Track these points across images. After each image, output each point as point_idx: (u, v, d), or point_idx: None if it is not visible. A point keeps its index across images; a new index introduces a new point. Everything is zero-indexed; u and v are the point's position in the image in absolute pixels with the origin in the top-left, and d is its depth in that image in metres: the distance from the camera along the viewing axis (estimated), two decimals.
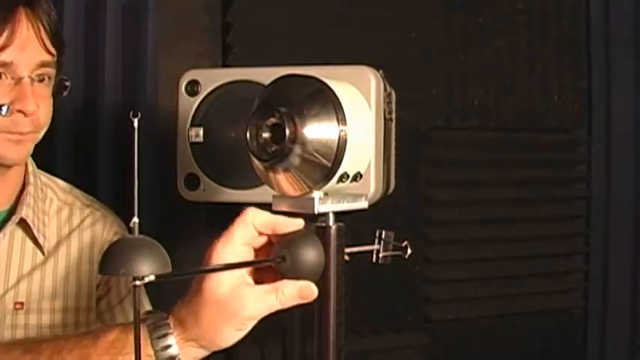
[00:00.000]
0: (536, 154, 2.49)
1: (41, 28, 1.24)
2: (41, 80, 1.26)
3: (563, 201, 2.57)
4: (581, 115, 2.54)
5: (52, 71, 1.28)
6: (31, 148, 1.30)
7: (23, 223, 1.32)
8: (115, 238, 1.37)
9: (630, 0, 2.50)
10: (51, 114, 1.30)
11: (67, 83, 1.30)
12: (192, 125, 1.46)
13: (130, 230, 0.74)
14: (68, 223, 1.39)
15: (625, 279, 2.54)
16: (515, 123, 2.45)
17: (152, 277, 0.70)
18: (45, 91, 1.27)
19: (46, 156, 1.72)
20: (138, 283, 0.70)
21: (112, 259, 0.70)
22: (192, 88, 1.47)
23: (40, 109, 1.25)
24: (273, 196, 1.08)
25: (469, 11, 2.36)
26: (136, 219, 0.74)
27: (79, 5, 1.82)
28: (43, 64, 1.25)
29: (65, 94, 1.32)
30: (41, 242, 1.33)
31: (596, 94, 2.54)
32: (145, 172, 1.72)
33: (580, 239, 2.58)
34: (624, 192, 2.53)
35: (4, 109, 1.23)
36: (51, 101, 1.30)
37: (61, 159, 1.79)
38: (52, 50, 1.27)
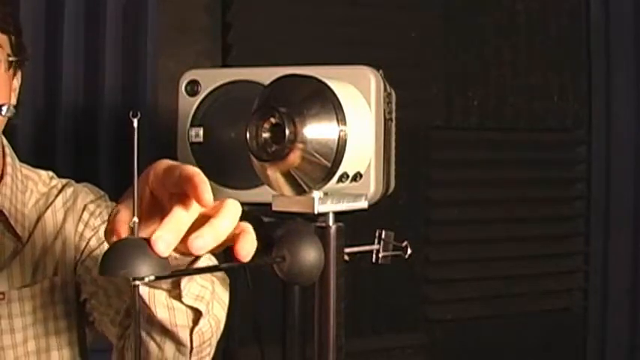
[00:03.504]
0: (536, 154, 2.49)
1: None
2: None
3: (563, 201, 2.58)
4: (581, 115, 2.54)
5: None
6: None
7: (1, 216, 1.31)
8: (91, 206, 1.38)
9: (630, 0, 2.50)
10: (7, 94, 1.26)
11: (12, 59, 1.27)
12: (192, 125, 1.46)
13: (132, 231, 0.74)
14: (46, 206, 1.38)
15: (625, 279, 2.54)
16: (515, 123, 2.45)
17: (152, 277, 0.70)
18: None
19: (46, 156, 1.73)
20: (138, 283, 0.70)
21: (111, 260, 0.70)
22: (192, 88, 1.47)
23: None
24: (273, 196, 1.08)
25: (469, 11, 2.36)
26: (135, 219, 0.73)
27: (79, 5, 1.82)
28: None
29: (15, 75, 1.29)
30: (20, 232, 1.32)
31: (596, 94, 2.54)
32: None
33: (580, 239, 2.58)
34: (624, 192, 2.53)
35: (4, 109, 1.22)
36: (4, 80, 1.25)
37: (61, 159, 1.79)
38: None
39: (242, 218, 0.80)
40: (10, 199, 1.32)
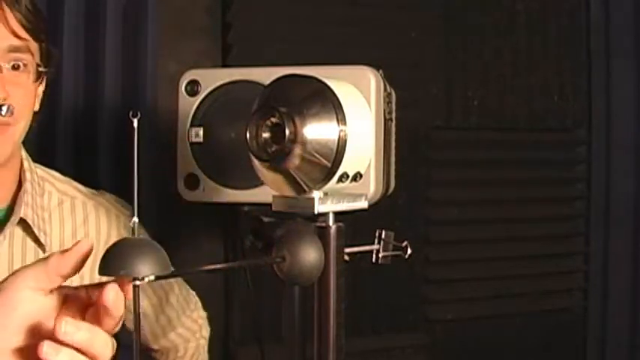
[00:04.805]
0: (536, 154, 2.49)
1: (9, 13, 1.20)
2: (16, 68, 1.22)
3: (563, 201, 2.57)
4: (581, 115, 2.54)
5: (25, 57, 1.23)
6: (12, 140, 1.25)
7: (23, 223, 1.31)
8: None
9: (630, 0, 2.50)
10: (32, 104, 1.27)
11: (41, 69, 1.26)
12: (192, 125, 1.46)
13: (132, 230, 0.74)
14: (71, 218, 1.37)
15: (625, 279, 2.54)
16: (515, 123, 2.45)
17: (152, 277, 0.70)
18: (20, 79, 1.23)
19: (46, 156, 1.73)
20: (138, 283, 0.70)
21: (112, 260, 0.70)
22: (192, 88, 1.48)
23: (12, 97, 1.21)
24: (273, 196, 1.08)
25: (469, 11, 2.36)
26: (135, 219, 0.74)
27: (79, 5, 1.82)
28: (13, 50, 1.21)
29: (41, 82, 1.29)
30: (42, 240, 1.31)
31: (596, 94, 2.54)
32: (145, 172, 1.73)
33: (580, 239, 2.58)
34: (624, 192, 2.53)
35: (4, 109, 1.23)
36: (30, 90, 1.26)
37: (61, 159, 1.79)
38: (23, 35, 1.22)
39: (242, 218, 0.80)
40: (32, 207, 1.31)
